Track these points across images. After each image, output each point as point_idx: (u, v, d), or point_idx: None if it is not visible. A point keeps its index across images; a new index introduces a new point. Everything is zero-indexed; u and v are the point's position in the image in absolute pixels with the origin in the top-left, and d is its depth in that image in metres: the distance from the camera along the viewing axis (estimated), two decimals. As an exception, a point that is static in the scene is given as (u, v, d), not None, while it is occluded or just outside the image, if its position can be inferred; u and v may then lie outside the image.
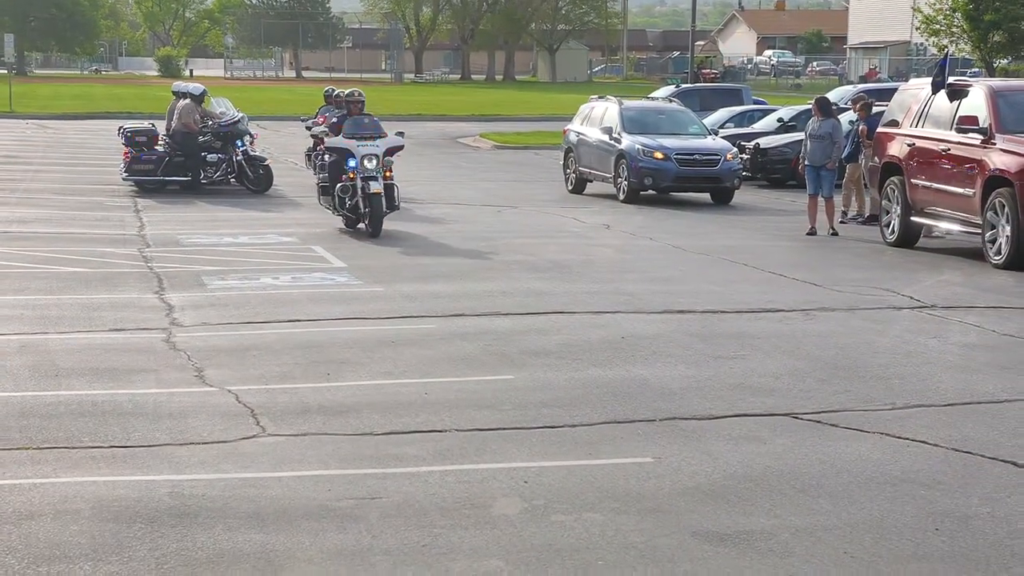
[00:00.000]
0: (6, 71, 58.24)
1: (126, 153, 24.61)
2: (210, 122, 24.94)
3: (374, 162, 18.48)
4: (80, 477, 7.50)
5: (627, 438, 8.39)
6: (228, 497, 7.15)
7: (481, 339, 11.49)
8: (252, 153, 24.98)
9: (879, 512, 6.99)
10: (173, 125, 24.82)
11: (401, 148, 19.32)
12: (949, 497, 7.24)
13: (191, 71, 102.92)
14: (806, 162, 19.97)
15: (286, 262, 16.13)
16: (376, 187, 18.35)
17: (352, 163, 18.51)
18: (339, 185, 18.68)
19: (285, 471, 7.65)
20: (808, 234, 19.47)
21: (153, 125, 25.63)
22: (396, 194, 18.80)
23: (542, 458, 7.93)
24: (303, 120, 24.91)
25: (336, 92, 23.07)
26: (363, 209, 18.51)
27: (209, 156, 24.59)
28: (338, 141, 18.91)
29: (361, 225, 18.74)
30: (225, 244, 17.72)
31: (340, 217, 19.08)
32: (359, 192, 18.45)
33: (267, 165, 24.97)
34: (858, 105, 21.66)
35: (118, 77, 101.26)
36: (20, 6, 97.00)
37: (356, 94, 19.77)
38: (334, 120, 20.02)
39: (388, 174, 18.68)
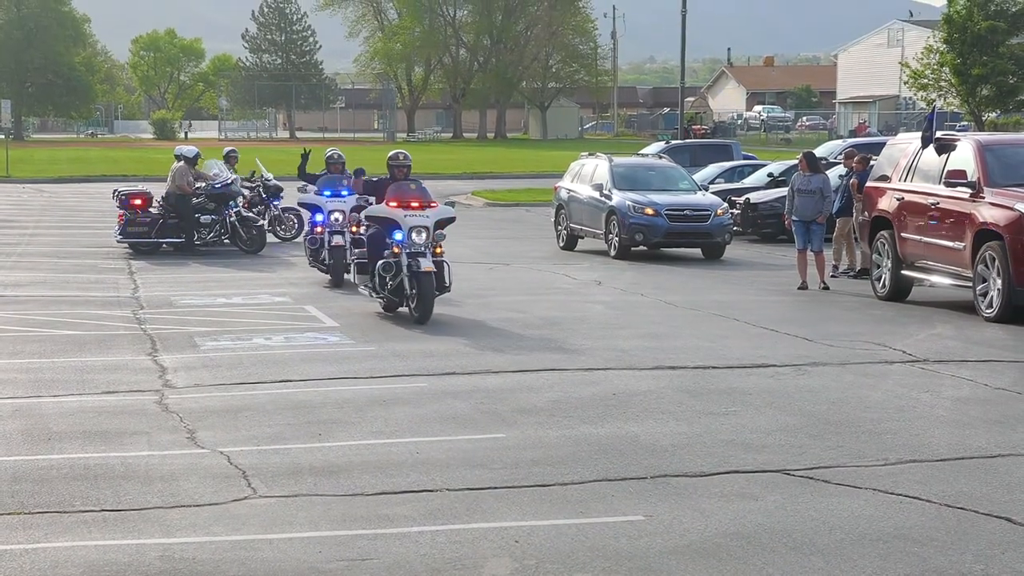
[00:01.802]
0: (3, 136, 58.42)
1: (121, 215, 24.71)
2: (203, 184, 25.06)
3: (424, 236, 15.96)
4: (71, 542, 7.48)
5: (618, 496, 8.38)
6: (219, 560, 7.13)
7: (472, 397, 11.49)
8: (245, 214, 25.08)
9: (872, 570, 6.97)
10: (167, 187, 24.97)
11: (452, 220, 16.77)
12: (943, 554, 7.23)
13: (186, 133, 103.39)
14: (794, 217, 20.03)
15: (279, 322, 16.14)
16: (427, 265, 15.72)
17: (398, 236, 15.99)
18: (381, 262, 16.03)
19: (276, 533, 7.63)
20: (799, 289, 19.52)
21: (148, 192, 25.72)
22: (447, 273, 16.22)
23: (533, 517, 7.92)
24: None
25: (335, 154, 21.68)
26: (409, 291, 15.90)
27: (203, 217, 24.71)
28: (381, 209, 16.37)
29: (403, 309, 16.31)
30: (218, 305, 17.74)
31: (379, 300, 16.59)
32: (404, 270, 15.92)
33: (260, 226, 25.06)
34: (854, 160, 21.74)
35: (114, 140, 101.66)
36: (17, 72, 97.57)
37: (401, 156, 17.03)
38: (373, 180, 17.35)
39: (439, 250, 16.18)
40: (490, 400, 11.38)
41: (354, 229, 19.10)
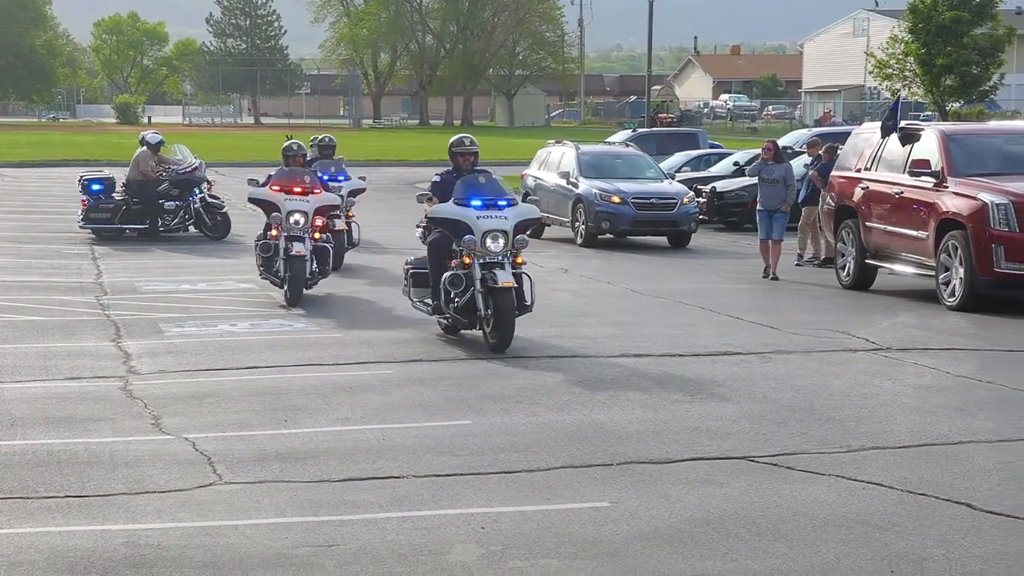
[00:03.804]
0: (-38, 119, 57.93)
1: (84, 201, 24.55)
2: (169, 168, 24.92)
3: (500, 242, 13.25)
4: (35, 527, 7.44)
5: (584, 483, 8.41)
6: (184, 546, 7.12)
7: (439, 384, 11.50)
8: (210, 200, 24.96)
9: (835, 555, 7.03)
10: (129, 173, 24.82)
11: (536, 223, 14.35)
12: (904, 539, 7.30)
13: (149, 118, 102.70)
14: (759, 206, 20.01)
15: (244, 308, 16.08)
16: (505, 279, 13.03)
17: (471, 243, 13.28)
18: (448, 275, 13.32)
19: (242, 519, 7.62)
20: (764, 277, 19.56)
21: (111, 175, 25.56)
22: (530, 288, 13.45)
23: (499, 504, 7.94)
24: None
25: (293, 144, 18.14)
26: (483, 311, 13.17)
27: (167, 203, 24.57)
28: (447, 210, 13.53)
29: (471, 332, 13.70)
30: (183, 291, 17.66)
31: (441, 320, 14.00)
32: (477, 285, 13.22)
33: (225, 212, 24.94)
34: (821, 149, 21.81)
35: (76, 125, 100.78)
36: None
37: (467, 141, 14.52)
38: (436, 179, 14.38)
39: (519, 260, 13.42)
40: (456, 387, 11.39)
41: (316, 236, 16.64)
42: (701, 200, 27.14)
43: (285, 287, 16.30)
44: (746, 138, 65.55)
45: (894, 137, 18.13)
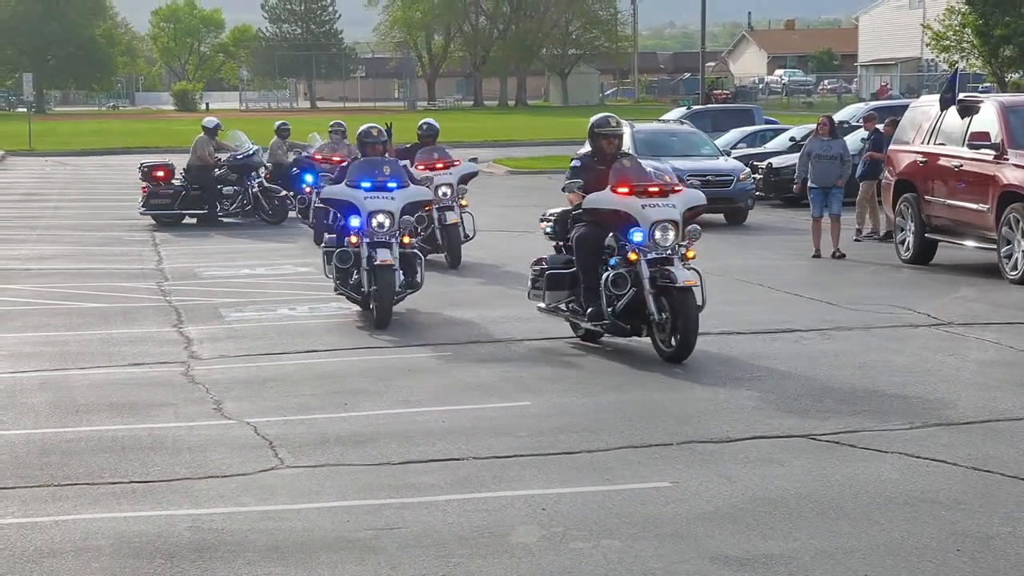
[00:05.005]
0: (25, 109, 58.57)
1: (144, 188, 24.80)
2: (226, 155, 25.10)
3: (671, 234, 11.55)
4: (101, 513, 7.54)
5: (644, 463, 8.39)
6: (247, 530, 7.18)
7: (497, 366, 11.51)
8: (267, 185, 25.12)
9: (899, 534, 6.98)
10: (188, 159, 25.06)
11: (705, 208, 12.57)
12: (970, 517, 7.22)
13: (207, 104, 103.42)
14: (812, 184, 19.56)
15: (303, 292, 16.17)
16: (687, 277, 11.35)
17: (637, 237, 11.50)
18: (611, 274, 11.57)
19: (304, 503, 7.67)
20: (813, 257, 19.20)
21: (171, 163, 25.82)
22: (704, 287, 11.61)
23: (560, 485, 7.94)
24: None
25: (372, 128, 14.94)
26: (656, 315, 11.43)
27: (225, 189, 24.77)
28: (607, 199, 11.75)
29: (628, 340, 12.17)
30: (242, 276, 17.79)
31: (594, 328, 12.12)
32: (647, 285, 11.51)
33: (283, 197, 25.09)
34: (883, 124, 21.52)
35: (135, 112, 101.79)
36: (38, 45, 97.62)
37: (613, 122, 12.39)
38: (575, 163, 12.64)
39: (690, 254, 11.70)
40: (515, 368, 11.40)
41: (406, 240, 13.83)
42: (757, 176, 26.95)
43: (371, 304, 13.69)
44: (801, 113, 65.03)
45: (952, 110, 17.92)
